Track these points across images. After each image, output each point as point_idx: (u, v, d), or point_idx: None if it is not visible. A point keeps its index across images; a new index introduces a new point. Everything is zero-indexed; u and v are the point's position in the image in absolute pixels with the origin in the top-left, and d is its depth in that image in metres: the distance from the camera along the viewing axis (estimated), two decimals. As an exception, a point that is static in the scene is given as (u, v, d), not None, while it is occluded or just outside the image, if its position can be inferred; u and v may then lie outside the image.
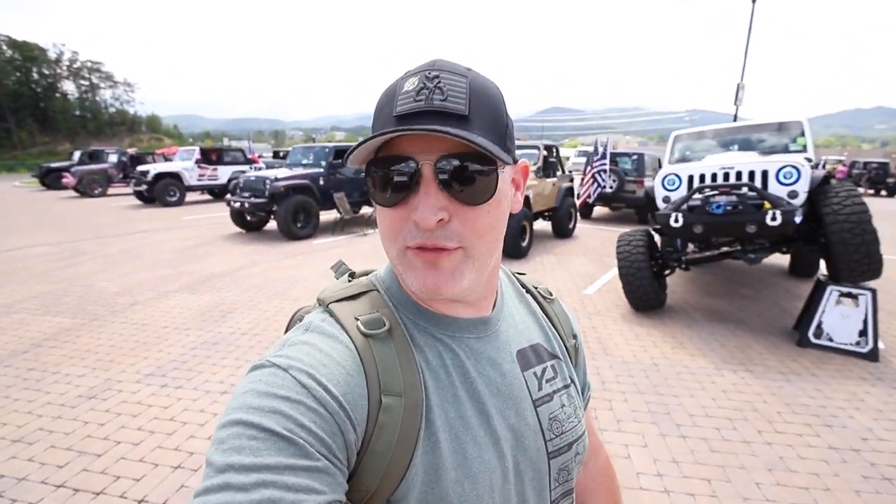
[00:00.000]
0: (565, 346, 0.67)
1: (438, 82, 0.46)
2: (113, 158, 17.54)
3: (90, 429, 2.60)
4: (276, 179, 8.13)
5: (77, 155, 19.14)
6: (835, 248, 3.52)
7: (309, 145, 9.94)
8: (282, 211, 8.03)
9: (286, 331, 0.62)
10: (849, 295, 3.70)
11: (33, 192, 18.47)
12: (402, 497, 0.46)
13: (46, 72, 75.35)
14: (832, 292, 3.76)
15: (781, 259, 6.45)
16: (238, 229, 9.23)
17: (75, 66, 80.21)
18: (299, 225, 8.34)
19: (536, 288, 0.72)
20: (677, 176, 4.27)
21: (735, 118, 23.65)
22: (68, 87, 79.41)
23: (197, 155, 14.11)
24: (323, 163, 9.03)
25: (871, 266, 3.49)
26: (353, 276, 0.61)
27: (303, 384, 0.42)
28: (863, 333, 3.65)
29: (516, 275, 0.72)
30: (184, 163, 13.95)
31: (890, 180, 21.47)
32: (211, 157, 14.33)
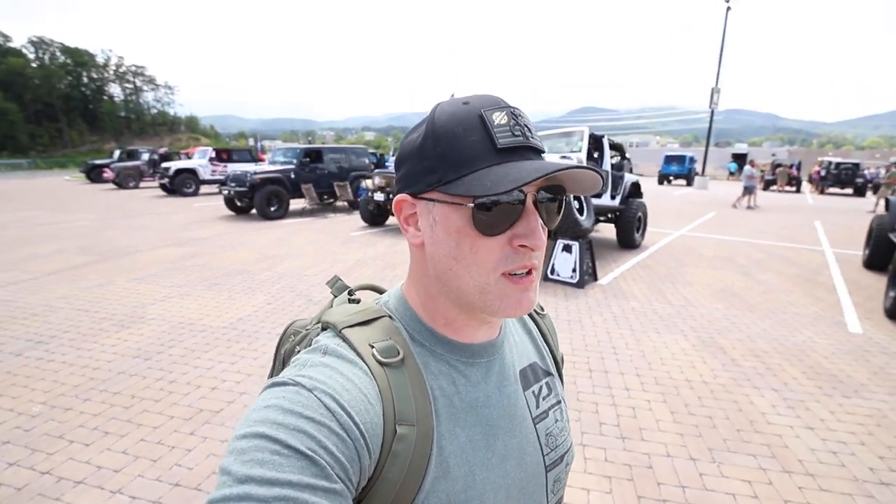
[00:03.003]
0: (555, 360, 0.70)
1: (524, 119, 0.50)
2: (145, 157, 20.55)
3: (96, 294, 4.98)
4: (255, 173, 10.58)
5: (117, 153, 22.42)
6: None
7: (287, 146, 12.38)
8: (257, 197, 10.45)
9: (279, 343, 0.67)
10: (567, 246, 5.75)
11: (80, 185, 21.71)
12: None
13: (95, 76, 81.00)
14: (558, 243, 5.81)
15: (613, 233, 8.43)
16: (230, 212, 11.74)
17: (121, 70, 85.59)
18: (272, 209, 10.75)
19: None
20: None
21: (711, 117, 24.97)
22: (114, 89, 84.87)
23: (211, 154, 16.85)
24: (295, 161, 11.44)
25: (570, 228, 5.52)
26: (351, 293, 0.63)
27: (328, 407, 0.43)
28: (574, 270, 5.70)
29: None
30: (199, 160, 16.71)
31: (858, 181, 22.44)
32: (222, 155, 17.04)
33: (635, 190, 8.32)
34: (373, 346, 0.51)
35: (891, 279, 4.90)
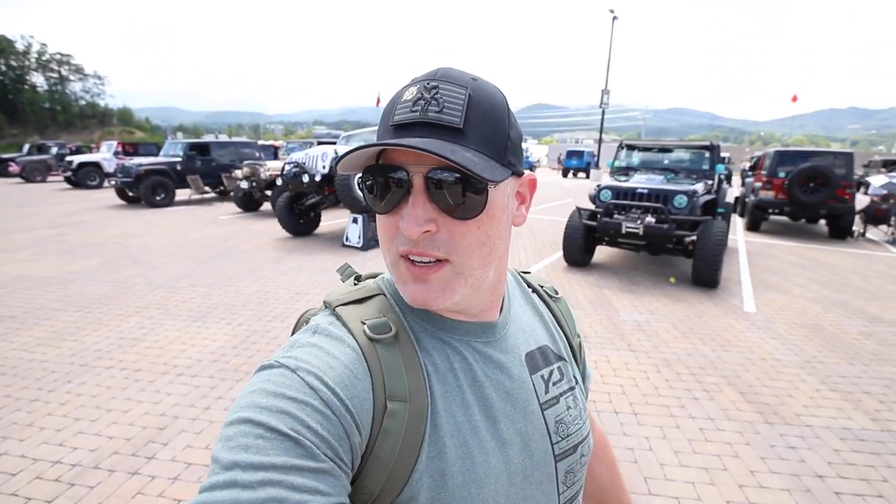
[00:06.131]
0: (570, 345, 0.69)
1: (436, 93, 0.47)
2: (54, 150, 20.85)
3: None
4: (140, 165, 11.76)
5: (26, 147, 22.46)
6: (338, 195, 7.28)
7: (175, 141, 13.59)
8: (143, 187, 11.66)
9: (293, 332, 0.64)
10: (355, 219, 7.50)
11: (-14, 179, 21.69)
12: (407, 501, 0.47)
13: (14, 64, 76.13)
14: (350, 216, 7.56)
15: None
16: (121, 202, 12.83)
17: (44, 58, 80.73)
18: (158, 197, 11.98)
19: (542, 287, 0.73)
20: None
21: (602, 118, 27.69)
22: (37, 79, 79.97)
23: (116, 147, 17.61)
24: (181, 154, 12.68)
25: (351, 204, 7.24)
26: (358, 278, 0.63)
27: (311, 386, 0.43)
28: (359, 237, 7.46)
29: (521, 274, 0.74)
30: (103, 154, 17.44)
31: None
32: (128, 149, 17.83)
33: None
34: (364, 323, 0.51)
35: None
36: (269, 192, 10.81)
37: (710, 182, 6.35)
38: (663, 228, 5.44)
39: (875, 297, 5.59)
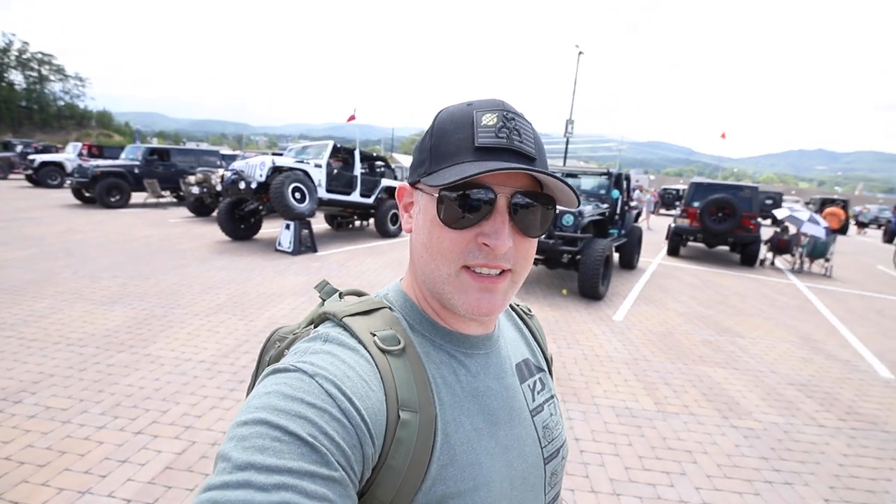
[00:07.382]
0: (545, 357, 0.74)
1: (516, 124, 0.52)
2: (19, 148, 20.93)
3: None
4: (97, 166, 12.10)
5: (-9, 144, 22.46)
6: (272, 202, 7.80)
7: (136, 146, 13.97)
8: (98, 188, 11.99)
9: (262, 350, 0.68)
10: (287, 225, 8.02)
11: (-53, 173, 21.52)
12: None
13: (-8, 61, 74.91)
14: (284, 223, 8.07)
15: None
16: (77, 201, 13.08)
17: (24, 56, 79.65)
18: (113, 199, 12.30)
19: (518, 305, 0.78)
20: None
21: (566, 147, 28.94)
22: (16, 77, 78.66)
23: (81, 148, 17.85)
24: (140, 158, 13.07)
25: (284, 211, 7.75)
26: (341, 296, 0.66)
27: (329, 393, 0.44)
28: (290, 242, 7.97)
29: None
30: (67, 154, 17.66)
31: (677, 203, 27.20)
32: (93, 151, 18.08)
33: (393, 191, 10.85)
34: (374, 335, 0.53)
35: None
36: (221, 198, 11.24)
37: (603, 205, 7.08)
38: (549, 244, 6.10)
39: (739, 314, 6.32)
